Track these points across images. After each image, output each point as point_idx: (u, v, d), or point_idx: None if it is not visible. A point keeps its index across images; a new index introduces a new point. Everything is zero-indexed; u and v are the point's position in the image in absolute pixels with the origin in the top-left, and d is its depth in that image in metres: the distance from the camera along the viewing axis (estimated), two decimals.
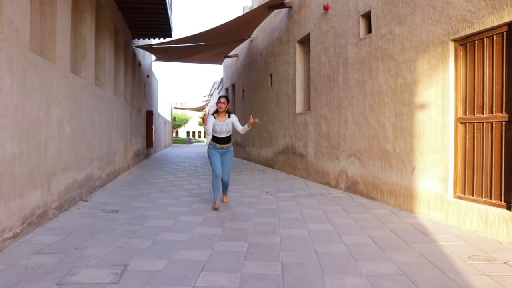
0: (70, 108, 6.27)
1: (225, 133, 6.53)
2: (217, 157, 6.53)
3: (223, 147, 6.55)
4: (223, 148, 6.55)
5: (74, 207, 6.20)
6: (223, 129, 6.49)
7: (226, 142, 6.57)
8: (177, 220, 5.38)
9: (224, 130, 6.50)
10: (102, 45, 8.90)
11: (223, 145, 6.55)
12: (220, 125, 6.49)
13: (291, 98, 11.10)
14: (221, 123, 6.50)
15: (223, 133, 6.51)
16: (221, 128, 6.48)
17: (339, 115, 8.23)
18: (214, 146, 6.56)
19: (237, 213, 5.90)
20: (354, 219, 5.46)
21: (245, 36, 15.17)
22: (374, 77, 6.91)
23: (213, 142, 6.58)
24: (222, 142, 6.54)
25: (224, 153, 6.59)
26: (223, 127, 6.49)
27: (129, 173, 11.37)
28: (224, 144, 6.55)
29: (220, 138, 6.53)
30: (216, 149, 6.55)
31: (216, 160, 6.52)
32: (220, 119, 6.52)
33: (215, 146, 6.54)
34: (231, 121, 6.58)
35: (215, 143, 6.55)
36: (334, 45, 8.44)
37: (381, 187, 6.68)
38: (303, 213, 5.85)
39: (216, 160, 6.52)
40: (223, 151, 6.58)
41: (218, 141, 6.53)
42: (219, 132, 6.50)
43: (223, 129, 6.49)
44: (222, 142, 6.54)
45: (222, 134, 6.51)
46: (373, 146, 6.95)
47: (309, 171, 9.79)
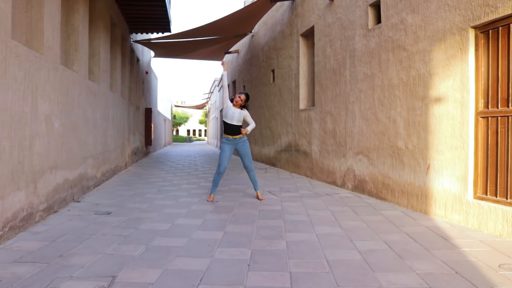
0: (60, 102, 5.86)
1: (236, 121, 6.48)
2: (227, 153, 6.47)
3: (235, 139, 6.49)
4: (235, 139, 6.50)
5: (64, 209, 5.80)
6: (235, 116, 6.48)
7: (237, 132, 6.50)
8: (173, 223, 4.98)
9: (236, 117, 6.48)
10: (96, 38, 8.49)
11: (235, 136, 6.49)
12: (232, 111, 6.48)
13: (294, 94, 10.68)
14: (234, 109, 6.51)
15: (234, 120, 6.47)
16: (233, 114, 6.47)
17: (345, 111, 7.81)
18: (226, 139, 6.53)
19: (239, 214, 5.50)
20: (365, 222, 5.06)
21: (246, 31, 14.75)
22: (384, 69, 6.50)
23: (225, 134, 6.55)
24: (233, 132, 6.48)
25: (238, 144, 6.53)
26: (235, 114, 6.48)
27: (126, 172, 10.96)
28: (236, 135, 6.49)
29: (230, 126, 6.47)
30: (228, 143, 6.51)
31: (224, 156, 6.47)
32: (235, 107, 6.56)
33: (228, 138, 6.51)
34: (243, 113, 6.59)
35: (227, 134, 6.51)
36: (340, 37, 8.02)
37: (392, 187, 6.28)
38: (310, 215, 5.44)
39: (224, 156, 6.47)
40: (237, 142, 6.52)
41: (230, 131, 6.49)
42: (230, 117, 6.48)
43: (235, 116, 6.48)
44: (233, 132, 6.48)
45: (233, 120, 6.47)
46: (383, 143, 6.54)
47: (313, 169, 9.38)
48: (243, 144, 6.55)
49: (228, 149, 6.48)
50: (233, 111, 6.48)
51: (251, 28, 14.84)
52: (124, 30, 11.64)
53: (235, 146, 6.52)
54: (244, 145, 6.56)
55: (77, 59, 6.87)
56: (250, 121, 6.72)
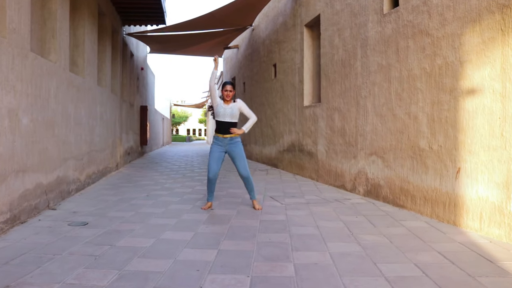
0: (30, 95, 5.06)
1: (228, 117, 5.50)
2: (216, 155, 5.51)
3: (226, 138, 5.51)
4: (226, 139, 5.52)
5: (34, 219, 5.00)
6: (226, 112, 5.48)
7: (228, 130, 5.54)
8: (158, 238, 4.18)
9: (228, 113, 5.49)
10: (81, 27, 7.68)
11: (226, 135, 5.50)
12: (223, 108, 5.48)
13: (298, 90, 9.87)
14: (225, 105, 5.50)
15: (227, 116, 5.49)
16: (224, 111, 5.48)
17: (356, 107, 7.01)
18: (216, 139, 5.58)
19: (237, 226, 4.69)
20: (386, 236, 4.26)
21: (246, 24, 13.94)
22: (403, 59, 5.70)
23: (216, 133, 5.61)
24: (225, 130, 5.50)
25: (229, 145, 5.53)
26: (227, 110, 5.49)
27: (117, 174, 10.16)
28: (228, 134, 5.51)
29: (223, 124, 5.50)
30: (218, 143, 5.55)
31: (213, 159, 5.50)
32: (226, 103, 5.56)
33: (217, 138, 5.56)
34: (237, 106, 5.58)
35: (218, 133, 5.56)
36: (350, 25, 7.21)
37: (412, 193, 5.48)
38: (320, 227, 4.64)
39: (213, 158, 5.50)
40: (228, 143, 5.53)
41: (221, 129, 5.51)
42: (222, 115, 5.49)
43: (226, 112, 5.48)
44: (225, 130, 5.50)
45: (225, 117, 5.49)
46: (401, 143, 5.74)
47: (319, 171, 8.57)
48: (236, 145, 5.52)
49: (218, 150, 5.51)
50: (224, 107, 5.50)
51: (252, 21, 14.04)
52: (115, 21, 10.84)
53: (225, 147, 5.52)
54: (237, 146, 5.53)
55: (55, 47, 6.07)
56: (249, 113, 5.66)
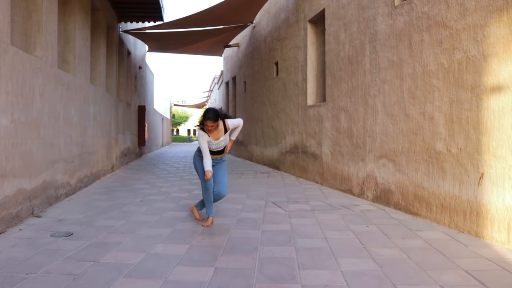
0: (11, 93, 4.63)
1: (221, 147, 5.02)
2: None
3: (216, 158, 5.02)
4: (216, 159, 5.03)
5: (15, 228, 4.56)
6: (220, 145, 4.97)
7: (221, 152, 5.08)
8: (148, 253, 3.73)
9: (222, 145, 5.00)
10: (71, 21, 7.24)
11: (217, 155, 5.02)
12: (216, 144, 4.93)
13: (301, 88, 9.43)
14: (216, 141, 4.91)
15: (220, 147, 5.00)
16: (217, 146, 4.96)
17: (364, 106, 6.56)
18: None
19: (236, 238, 4.25)
20: (403, 249, 3.81)
21: (246, 21, 13.50)
22: (417, 54, 5.25)
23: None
24: (217, 153, 5.02)
25: (217, 163, 5.06)
26: (220, 144, 4.97)
27: (112, 176, 9.71)
28: (218, 155, 5.03)
29: (215, 151, 5.01)
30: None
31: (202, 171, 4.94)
32: (214, 136, 4.88)
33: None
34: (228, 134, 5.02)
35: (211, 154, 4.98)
36: (358, 19, 6.77)
37: (428, 199, 5.03)
38: (328, 239, 4.20)
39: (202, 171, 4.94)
40: (216, 162, 5.04)
41: (213, 153, 4.98)
42: (215, 149, 4.97)
43: (220, 145, 4.97)
44: (217, 153, 5.03)
45: (219, 148, 5.00)
46: (415, 145, 5.30)
47: (324, 174, 8.12)
48: (222, 164, 5.12)
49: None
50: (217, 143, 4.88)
51: (252, 18, 13.60)
52: (110, 17, 10.39)
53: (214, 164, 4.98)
54: (223, 165, 5.13)
55: (40, 42, 5.63)
56: (237, 124, 5.12)
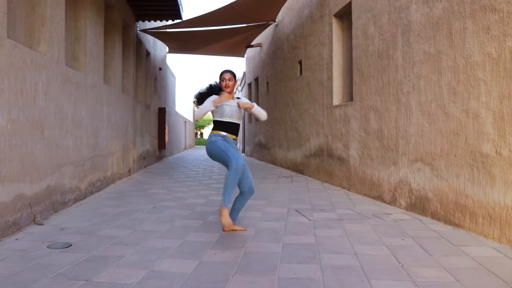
0: (7, 91, 4.23)
1: (236, 118, 4.43)
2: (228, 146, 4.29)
3: (235, 139, 4.44)
4: (234, 140, 4.44)
5: (11, 237, 4.16)
6: (233, 111, 4.38)
7: (237, 133, 4.48)
8: (152, 269, 3.25)
9: (235, 113, 4.41)
10: (82, 17, 6.88)
11: (235, 136, 4.44)
12: (229, 106, 4.37)
13: (327, 88, 8.86)
14: (230, 103, 4.38)
15: (234, 117, 4.41)
16: (231, 110, 4.37)
17: (396, 105, 5.96)
18: (223, 137, 4.36)
19: (253, 253, 3.72)
20: (449, 270, 3.22)
21: (268, 19, 13.01)
22: (458, 44, 4.64)
23: (221, 131, 4.39)
24: (234, 131, 4.43)
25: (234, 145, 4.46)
26: (234, 109, 4.39)
27: (128, 180, 9.34)
28: (234, 134, 4.44)
29: (231, 125, 4.40)
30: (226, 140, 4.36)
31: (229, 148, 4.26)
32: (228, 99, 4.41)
33: (226, 138, 4.37)
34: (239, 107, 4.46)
35: (224, 131, 4.38)
36: (388, 10, 6.18)
37: (472, 209, 4.40)
38: (359, 255, 3.63)
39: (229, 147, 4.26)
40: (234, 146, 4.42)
41: (229, 130, 4.39)
42: (229, 116, 4.38)
43: (233, 111, 4.38)
44: (234, 132, 4.43)
45: (233, 118, 4.40)
46: (456, 147, 4.68)
47: (351, 179, 7.53)
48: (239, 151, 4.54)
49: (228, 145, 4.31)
50: (230, 104, 4.38)
51: (275, 16, 13.10)
52: (127, 15, 10.05)
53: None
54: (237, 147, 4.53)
55: (45, 37, 5.25)
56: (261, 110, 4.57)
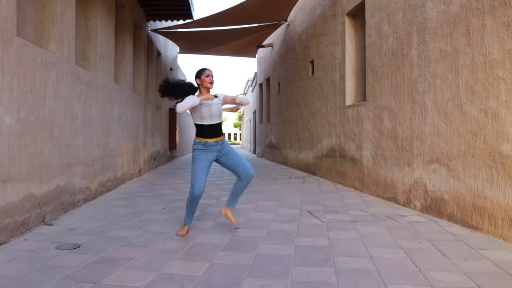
0: (17, 89, 4.19)
1: (216, 118, 4.32)
2: (205, 164, 4.24)
3: (217, 142, 4.31)
4: (217, 142, 4.32)
5: (20, 238, 4.11)
6: (213, 111, 4.28)
7: (220, 133, 4.37)
8: (161, 272, 3.17)
9: (215, 113, 4.30)
10: (93, 17, 6.85)
11: (217, 138, 4.32)
12: (208, 106, 4.25)
13: (339, 87, 8.73)
14: (209, 102, 4.26)
15: (214, 117, 4.30)
16: (210, 111, 4.26)
17: (411, 104, 5.82)
18: (204, 145, 4.27)
19: (265, 255, 3.63)
20: (468, 275, 3.09)
21: (280, 18, 12.91)
22: (476, 41, 4.50)
23: (200, 138, 4.29)
24: (215, 133, 4.32)
25: (221, 150, 4.36)
26: (213, 108, 4.28)
27: (138, 181, 9.30)
28: (218, 137, 4.32)
29: (210, 127, 4.29)
30: (206, 150, 4.27)
31: (200, 168, 4.20)
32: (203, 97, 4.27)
33: (206, 143, 4.27)
34: (220, 101, 4.36)
35: (203, 138, 4.27)
36: (403, 7, 6.05)
37: (491, 211, 4.26)
38: (375, 258, 3.51)
39: (201, 168, 4.20)
40: (219, 147, 4.34)
41: (209, 133, 4.28)
42: (208, 117, 4.27)
43: (213, 111, 4.28)
44: (216, 133, 4.32)
45: (213, 119, 4.29)
46: (474, 147, 4.53)
47: (364, 180, 7.39)
48: (226, 147, 4.39)
49: (207, 159, 4.24)
50: (208, 104, 4.26)
51: (286, 16, 13.00)
52: (138, 15, 10.03)
53: (216, 153, 4.32)
54: (228, 147, 4.41)
55: (55, 36, 5.21)
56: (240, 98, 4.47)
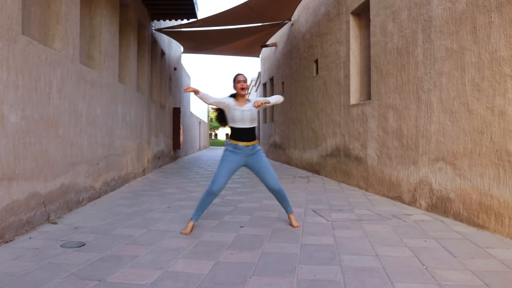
0: (22, 87, 4.19)
1: (248, 122, 4.34)
2: (232, 165, 4.30)
3: (248, 146, 4.34)
4: (248, 147, 4.34)
5: (25, 236, 4.11)
6: (245, 116, 4.32)
7: (252, 137, 4.37)
8: (166, 270, 3.16)
9: (248, 117, 4.33)
10: (97, 16, 6.85)
11: (248, 142, 4.34)
12: (241, 111, 4.31)
13: (343, 86, 8.70)
14: (241, 107, 4.33)
15: (246, 121, 4.33)
16: (242, 115, 4.31)
17: (417, 103, 5.79)
18: (234, 147, 4.32)
19: (271, 253, 3.61)
20: (475, 273, 3.06)
21: (284, 18, 12.88)
22: (483, 39, 4.47)
23: (231, 140, 4.36)
24: (247, 137, 4.33)
25: (251, 155, 4.39)
26: (245, 114, 4.32)
27: (142, 180, 9.30)
28: (250, 141, 4.35)
29: (243, 131, 4.33)
30: (237, 152, 4.32)
31: (225, 168, 4.26)
32: (240, 103, 4.36)
33: (236, 146, 4.32)
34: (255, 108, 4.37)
35: (236, 141, 4.33)
36: (408, 6, 6.02)
37: (498, 210, 4.22)
38: (381, 257, 3.49)
39: (226, 168, 4.26)
40: (251, 153, 4.37)
41: (241, 136, 4.32)
42: (240, 121, 4.32)
43: (245, 116, 4.32)
44: (247, 137, 4.34)
45: (245, 123, 4.33)
46: (481, 146, 4.50)
47: (369, 180, 7.36)
48: (258, 154, 4.40)
49: (235, 160, 4.29)
50: (241, 110, 4.32)
51: (290, 15, 12.97)
52: (142, 15, 10.03)
53: (246, 158, 4.35)
54: (260, 155, 4.41)
55: (60, 34, 5.21)
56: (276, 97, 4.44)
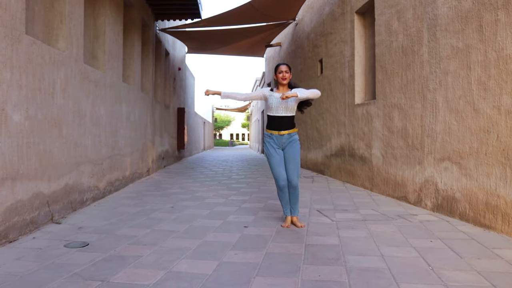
0: (25, 87, 4.19)
1: (283, 110, 4.39)
2: (278, 158, 4.42)
3: (283, 135, 4.40)
4: (283, 136, 4.41)
5: (28, 236, 4.11)
6: (280, 104, 4.37)
7: (287, 126, 4.42)
8: (170, 270, 3.14)
9: (282, 106, 4.37)
10: (101, 15, 6.85)
11: (282, 131, 4.40)
12: (276, 98, 4.39)
13: (348, 86, 8.66)
14: (277, 94, 4.41)
15: (281, 109, 4.38)
16: (277, 103, 4.37)
17: (422, 102, 5.75)
18: (270, 136, 4.46)
19: (275, 254, 3.59)
20: (482, 274, 3.02)
21: (288, 17, 12.86)
22: (489, 37, 4.42)
23: (268, 129, 4.48)
24: (280, 126, 4.40)
25: (286, 144, 4.46)
26: (281, 102, 4.37)
27: (146, 180, 9.30)
28: (284, 130, 4.41)
29: (276, 119, 4.41)
30: (272, 142, 4.44)
31: (275, 162, 4.40)
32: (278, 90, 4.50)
33: (272, 135, 4.44)
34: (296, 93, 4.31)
35: (270, 130, 4.45)
36: (413, 4, 5.97)
37: (505, 210, 4.18)
38: (386, 257, 3.46)
39: (276, 162, 4.40)
40: (285, 142, 4.44)
41: (274, 125, 4.42)
42: (275, 109, 4.39)
43: (280, 104, 4.37)
44: (281, 126, 4.41)
45: (279, 111, 4.39)
46: (487, 145, 4.46)
47: (374, 180, 7.32)
48: (293, 144, 4.44)
49: (276, 153, 4.41)
50: (276, 95, 4.40)
51: (295, 15, 12.94)
52: (146, 15, 10.03)
53: (282, 146, 4.45)
54: (294, 147, 4.45)
55: (63, 34, 5.21)
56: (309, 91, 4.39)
